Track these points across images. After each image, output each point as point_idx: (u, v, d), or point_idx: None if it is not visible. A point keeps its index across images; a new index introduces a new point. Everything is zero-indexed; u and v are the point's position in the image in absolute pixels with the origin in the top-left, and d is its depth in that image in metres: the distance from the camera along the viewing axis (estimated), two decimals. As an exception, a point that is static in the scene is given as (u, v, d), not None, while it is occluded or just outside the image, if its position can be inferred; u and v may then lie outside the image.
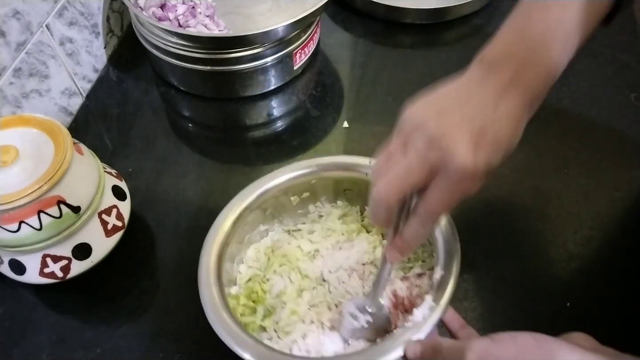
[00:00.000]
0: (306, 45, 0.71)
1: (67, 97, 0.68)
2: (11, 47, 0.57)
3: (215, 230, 0.49)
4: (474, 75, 0.36)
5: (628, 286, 0.54)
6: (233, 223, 0.49)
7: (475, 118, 0.34)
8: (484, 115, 0.34)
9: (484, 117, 0.34)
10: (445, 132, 0.33)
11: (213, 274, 0.46)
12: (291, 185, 0.53)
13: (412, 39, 0.81)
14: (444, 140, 0.33)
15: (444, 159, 0.33)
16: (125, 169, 0.63)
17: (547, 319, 0.51)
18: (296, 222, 0.55)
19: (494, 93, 0.35)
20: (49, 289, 0.54)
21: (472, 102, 0.35)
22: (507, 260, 0.56)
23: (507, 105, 0.34)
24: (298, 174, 0.52)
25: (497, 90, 0.35)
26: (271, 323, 0.48)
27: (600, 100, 0.70)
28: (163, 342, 0.51)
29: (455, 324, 0.44)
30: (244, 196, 0.51)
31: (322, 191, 0.54)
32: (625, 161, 0.64)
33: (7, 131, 0.49)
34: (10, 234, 0.47)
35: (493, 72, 0.35)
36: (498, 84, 0.35)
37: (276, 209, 0.54)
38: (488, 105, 0.34)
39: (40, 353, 0.51)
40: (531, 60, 0.35)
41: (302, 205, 0.55)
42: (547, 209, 0.60)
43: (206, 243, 0.48)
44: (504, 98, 0.34)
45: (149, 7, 0.69)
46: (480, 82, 0.35)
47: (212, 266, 0.46)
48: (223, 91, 0.72)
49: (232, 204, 0.50)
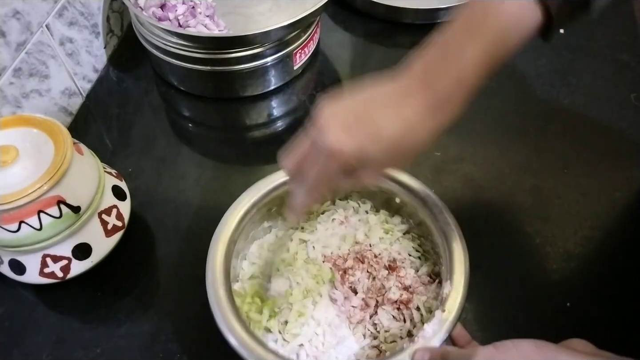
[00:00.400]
0: (306, 45, 0.71)
1: (67, 97, 0.68)
2: (11, 47, 0.57)
3: (222, 227, 0.49)
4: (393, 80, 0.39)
5: (628, 286, 0.54)
6: (240, 220, 0.49)
7: (359, 111, 0.38)
8: (371, 109, 0.38)
9: (368, 110, 0.38)
10: (326, 120, 0.38)
11: (220, 273, 0.46)
12: None
13: (412, 39, 0.80)
14: (321, 125, 0.38)
15: (317, 140, 0.38)
16: (125, 169, 0.63)
17: (547, 319, 0.51)
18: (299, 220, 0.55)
19: (399, 95, 0.38)
20: (49, 289, 0.54)
21: (373, 100, 0.38)
22: (507, 260, 0.56)
23: (405, 106, 0.37)
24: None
25: (402, 93, 0.38)
26: (276, 324, 0.48)
27: (600, 100, 0.70)
28: (163, 342, 0.51)
29: (462, 340, 0.44)
30: (252, 194, 0.51)
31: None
32: (625, 161, 0.64)
33: (7, 131, 0.49)
34: (10, 234, 0.47)
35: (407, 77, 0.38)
36: (406, 87, 0.38)
37: (281, 207, 0.54)
38: (384, 103, 0.38)
39: (40, 353, 0.51)
40: (442, 67, 0.37)
41: None
42: (547, 209, 0.60)
43: (214, 241, 0.48)
44: (405, 100, 0.37)
45: (149, 7, 0.69)
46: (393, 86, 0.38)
47: (219, 265, 0.46)
48: (223, 91, 0.72)
49: (240, 201, 0.50)
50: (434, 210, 0.49)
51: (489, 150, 0.65)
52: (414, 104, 0.37)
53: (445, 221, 0.48)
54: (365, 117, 0.37)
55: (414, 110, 0.37)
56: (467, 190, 0.61)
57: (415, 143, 0.38)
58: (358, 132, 0.37)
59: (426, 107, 0.37)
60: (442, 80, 0.37)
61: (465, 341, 0.44)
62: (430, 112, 0.37)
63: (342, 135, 0.37)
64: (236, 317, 0.43)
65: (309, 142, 0.40)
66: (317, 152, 0.38)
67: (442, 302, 0.44)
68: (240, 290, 0.50)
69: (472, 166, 0.63)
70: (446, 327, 0.42)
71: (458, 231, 0.47)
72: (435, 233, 0.48)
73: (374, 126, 0.37)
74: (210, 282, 0.45)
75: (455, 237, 0.47)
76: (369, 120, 0.37)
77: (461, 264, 0.45)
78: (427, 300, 0.49)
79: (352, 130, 0.37)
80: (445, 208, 0.49)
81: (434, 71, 0.37)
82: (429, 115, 0.37)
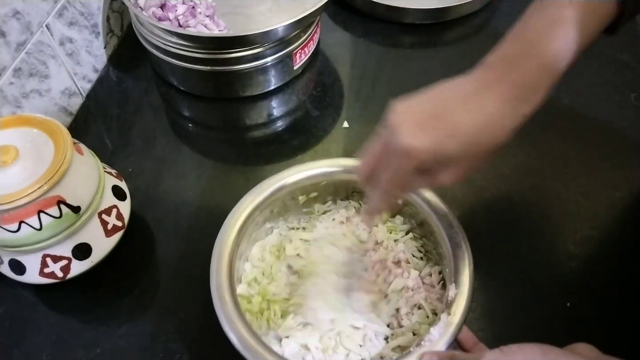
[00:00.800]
0: (306, 45, 0.71)
1: (67, 97, 0.68)
2: (11, 47, 0.57)
3: (225, 230, 0.48)
4: (467, 75, 0.37)
5: (628, 286, 0.54)
6: (243, 223, 0.49)
7: (433, 106, 0.36)
8: (446, 104, 0.36)
9: (443, 106, 0.36)
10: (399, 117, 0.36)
11: (225, 277, 0.45)
12: (302, 186, 0.52)
13: (412, 39, 0.81)
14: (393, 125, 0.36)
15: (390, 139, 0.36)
16: (125, 169, 0.63)
17: (547, 319, 0.51)
18: (300, 220, 0.56)
19: (474, 88, 0.36)
20: (49, 289, 0.54)
21: (447, 96, 0.36)
22: (507, 260, 0.56)
23: (482, 98, 0.35)
24: (310, 174, 0.52)
25: (478, 86, 0.36)
26: (281, 325, 0.48)
27: (600, 100, 0.70)
28: (163, 342, 0.51)
29: (468, 342, 0.44)
30: (254, 196, 0.50)
31: (330, 192, 0.55)
32: (625, 161, 0.64)
33: (7, 131, 0.49)
34: (10, 234, 0.47)
35: (483, 71, 0.37)
36: (482, 80, 0.36)
37: (283, 208, 0.54)
38: (460, 97, 0.36)
39: (40, 353, 0.51)
40: (522, 55, 0.35)
41: (308, 204, 0.55)
42: (547, 209, 0.60)
43: (218, 244, 0.47)
44: (483, 92, 0.35)
45: (149, 7, 0.69)
46: (468, 80, 0.37)
47: (224, 270, 0.46)
48: (223, 91, 0.72)
49: (242, 202, 0.50)
50: (438, 211, 0.49)
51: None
52: (493, 96, 0.35)
53: (449, 223, 0.48)
54: (441, 112, 0.36)
55: (494, 103, 0.35)
56: (467, 191, 0.61)
57: (496, 138, 0.36)
58: (434, 128, 0.35)
59: (507, 98, 0.35)
60: (523, 69, 0.35)
61: (471, 343, 0.44)
62: (511, 104, 0.35)
63: (417, 132, 0.35)
64: (242, 322, 0.43)
65: (381, 143, 0.38)
66: (391, 153, 0.37)
67: (448, 305, 0.44)
68: (244, 292, 0.50)
69: (472, 166, 0.63)
70: (452, 331, 0.42)
71: (462, 233, 0.47)
72: (439, 233, 0.48)
73: (450, 121, 0.35)
74: (215, 287, 0.45)
75: (460, 240, 0.47)
76: (444, 115, 0.35)
77: (466, 267, 0.45)
78: (430, 302, 0.49)
79: (427, 126, 0.35)
80: (448, 210, 0.49)
81: (513, 61, 0.36)
82: (509, 107, 0.35)
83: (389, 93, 0.72)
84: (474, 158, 0.37)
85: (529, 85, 0.35)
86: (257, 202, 0.50)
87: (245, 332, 0.42)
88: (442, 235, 0.48)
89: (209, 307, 0.44)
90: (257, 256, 0.53)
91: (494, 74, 0.36)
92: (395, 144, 0.36)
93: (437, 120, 0.35)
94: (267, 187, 0.51)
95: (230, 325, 0.42)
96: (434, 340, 0.42)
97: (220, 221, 0.49)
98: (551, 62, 0.35)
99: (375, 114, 0.70)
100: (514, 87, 0.35)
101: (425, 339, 0.42)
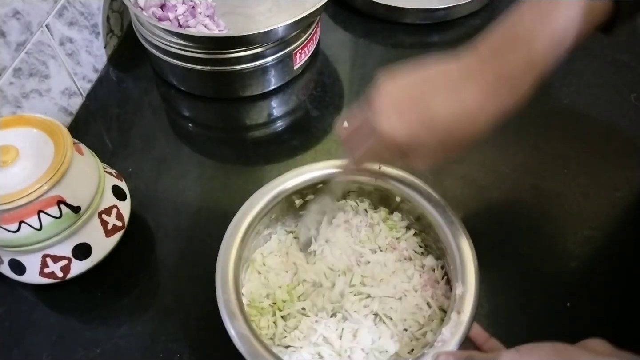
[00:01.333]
0: (306, 45, 0.71)
1: (67, 97, 0.68)
2: (11, 47, 0.57)
3: (228, 243, 0.47)
4: (455, 58, 0.37)
5: (628, 286, 0.54)
6: (244, 234, 0.48)
7: (414, 93, 0.36)
8: (427, 91, 0.36)
9: (424, 92, 0.36)
10: (381, 101, 0.37)
11: (233, 293, 0.44)
12: (299, 189, 0.52)
13: (412, 39, 0.81)
14: (374, 106, 0.38)
15: (370, 120, 0.38)
16: (125, 169, 0.63)
17: (547, 319, 0.51)
18: (297, 223, 0.55)
19: (458, 75, 0.36)
20: (49, 289, 0.54)
21: (430, 82, 0.37)
22: (507, 260, 0.56)
23: (464, 88, 0.35)
24: (308, 178, 0.52)
25: (462, 74, 0.36)
26: (291, 331, 0.48)
27: (600, 100, 0.70)
28: (163, 342, 0.51)
29: (480, 338, 0.44)
30: (253, 205, 0.50)
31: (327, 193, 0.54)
32: (625, 161, 0.64)
33: (7, 131, 0.49)
34: (10, 234, 0.47)
35: (470, 57, 0.36)
36: (467, 68, 0.36)
37: (280, 213, 0.53)
38: (441, 85, 0.36)
39: (40, 353, 0.51)
40: (509, 48, 0.35)
41: (305, 206, 0.55)
42: (547, 209, 0.60)
43: (221, 256, 0.46)
44: (465, 81, 0.35)
45: (149, 7, 0.69)
46: (454, 65, 0.37)
47: (231, 287, 0.45)
48: (223, 91, 0.72)
49: (241, 213, 0.49)
50: (437, 208, 0.49)
51: (489, 150, 0.65)
52: (474, 86, 0.35)
53: (450, 220, 0.48)
54: (420, 101, 0.36)
55: (474, 94, 0.35)
56: (467, 191, 0.61)
57: (473, 130, 0.36)
58: (411, 117, 0.36)
59: (487, 89, 0.35)
60: (509, 60, 0.35)
61: (483, 339, 0.44)
62: (491, 95, 0.35)
63: (395, 120, 0.36)
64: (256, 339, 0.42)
65: (363, 118, 0.40)
66: (369, 130, 0.38)
67: (456, 303, 0.44)
68: (248, 298, 0.49)
69: (472, 166, 0.63)
70: (463, 329, 0.42)
71: (463, 230, 0.47)
72: (438, 227, 0.48)
73: (428, 112, 0.36)
74: (224, 304, 0.44)
75: (462, 237, 0.47)
76: (423, 104, 0.36)
77: (471, 263, 0.45)
78: (436, 298, 0.49)
79: (405, 115, 0.36)
80: (447, 206, 0.49)
81: (500, 51, 0.35)
82: (490, 99, 0.35)
83: (389, 93, 0.72)
84: (449, 148, 0.38)
85: (512, 78, 0.35)
86: (255, 211, 0.49)
87: (262, 350, 0.41)
88: (443, 230, 0.48)
89: (208, 307, 0.44)
90: (259, 262, 0.52)
91: (479, 63, 0.36)
92: (373, 124, 0.37)
93: (415, 108, 0.36)
94: (265, 195, 0.50)
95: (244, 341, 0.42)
96: (446, 340, 0.42)
97: (220, 221, 0.49)
98: (538, 59, 0.35)
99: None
100: (497, 79, 0.35)
101: (437, 339, 0.42)
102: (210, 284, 0.45)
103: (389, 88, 0.37)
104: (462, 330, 0.42)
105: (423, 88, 0.36)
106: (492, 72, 0.35)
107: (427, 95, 0.36)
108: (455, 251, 0.46)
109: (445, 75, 0.36)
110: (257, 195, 0.50)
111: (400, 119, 0.36)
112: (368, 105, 0.38)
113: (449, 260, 0.47)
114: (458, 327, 0.42)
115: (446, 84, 0.36)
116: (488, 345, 0.44)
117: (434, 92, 0.36)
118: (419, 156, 0.38)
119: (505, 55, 0.35)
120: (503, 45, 0.35)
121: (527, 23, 0.35)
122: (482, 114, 0.35)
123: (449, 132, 0.36)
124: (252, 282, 0.51)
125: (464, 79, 0.35)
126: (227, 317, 0.43)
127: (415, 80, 0.37)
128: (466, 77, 0.35)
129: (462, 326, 0.42)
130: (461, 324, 0.42)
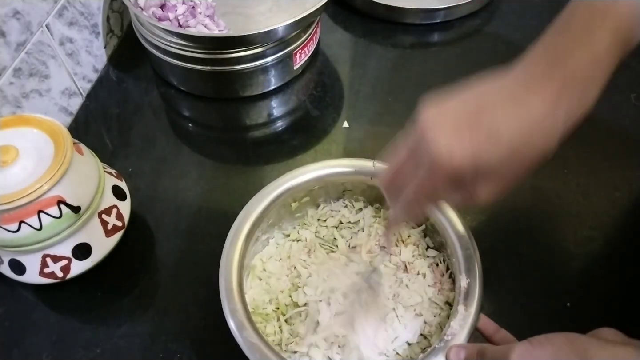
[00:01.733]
0: (306, 45, 0.71)
1: (67, 97, 0.68)
2: (11, 47, 0.57)
3: (230, 252, 0.47)
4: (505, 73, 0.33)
5: (628, 286, 0.54)
6: (244, 242, 0.48)
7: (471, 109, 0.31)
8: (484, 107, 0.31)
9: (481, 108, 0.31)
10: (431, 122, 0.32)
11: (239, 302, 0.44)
12: (293, 192, 0.52)
13: (412, 39, 0.81)
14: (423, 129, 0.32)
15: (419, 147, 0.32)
16: (125, 169, 0.63)
17: (547, 319, 0.51)
18: (294, 226, 0.55)
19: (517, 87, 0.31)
20: (49, 289, 0.54)
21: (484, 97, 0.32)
22: (506, 260, 0.56)
23: (527, 99, 0.31)
24: (303, 180, 0.51)
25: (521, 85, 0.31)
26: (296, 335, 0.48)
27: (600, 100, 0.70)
28: (163, 342, 0.51)
29: (489, 329, 0.44)
30: (250, 211, 0.49)
31: (322, 194, 0.55)
32: (625, 161, 0.64)
33: (7, 131, 0.49)
34: (10, 234, 0.47)
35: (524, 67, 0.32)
36: (525, 78, 0.31)
37: (277, 217, 0.53)
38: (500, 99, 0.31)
39: (40, 353, 0.51)
40: (571, 47, 0.31)
41: (300, 209, 0.54)
42: (547, 209, 0.60)
43: (224, 265, 0.46)
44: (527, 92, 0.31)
45: (149, 7, 0.69)
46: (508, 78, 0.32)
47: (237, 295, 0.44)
48: (223, 91, 0.72)
49: (239, 221, 0.49)
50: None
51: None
52: (540, 93, 0.30)
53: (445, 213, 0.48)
54: (479, 117, 0.31)
55: (541, 104, 0.30)
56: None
57: (544, 144, 0.31)
58: (472, 134, 0.30)
59: (556, 97, 0.30)
60: (573, 63, 0.30)
61: (493, 330, 0.44)
62: (561, 100, 0.30)
63: (451, 139, 0.30)
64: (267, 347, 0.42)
65: (409, 149, 0.34)
66: (418, 162, 0.32)
67: (462, 296, 0.44)
68: (252, 306, 0.49)
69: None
70: (471, 321, 0.43)
71: (462, 220, 0.47)
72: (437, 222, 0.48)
73: (491, 126, 0.30)
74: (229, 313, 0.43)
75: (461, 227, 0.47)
76: (483, 119, 0.31)
77: (472, 254, 0.46)
78: (442, 292, 0.49)
79: (464, 132, 0.30)
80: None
81: (561, 54, 0.31)
82: (560, 105, 0.30)
83: (389, 93, 0.72)
84: (517, 169, 0.32)
85: (582, 80, 0.31)
86: (253, 218, 0.49)
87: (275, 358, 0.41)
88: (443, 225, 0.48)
89: (208, 307, 0.44)
90: (259, 268, 0.52)
91: (539, 70, 0.31)
92: (424, 151, 0.31)
93: (475, 125, 0.30)
94: (261, 200, 0.50)
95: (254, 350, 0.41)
96: (455, 333, 0.42)
97: (220, 221, 0.49)
98: (605, 54, 0.31)
99: (375, 114, 0.70)
100: (564, 84, 0.30)
101: (447, 332, 0.42)
102: (210, 284, 0.45)
103: (439, 109, 0.32)
104: (469, 322, 0.42)
105: (479, 103, 0.31)
106: (556, 77, 0.30)
107: (486, 111, 0.31)
108: (456, 243, 0.46)
109: (502, 88, 0.32)
110: (254, 201, 0.50)
111: (460, 139, 0.30)
112: (414, 133, 0.32)
113: (450, 252, 0.47)
114: (466, 319, 0.43)
115: (505, 96, 0.31)
116: (499, 336, 0.43)
117: (493, 108, 0.31)
118: (484, 183, 0.32)
119: (568, 56, 0.31)
120: (563, 46, 0.31)
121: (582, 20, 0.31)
122: (553, 124, 0.31)
123: (518, 149, 0.31)
124: (255, 289, 0.50)
125: (527, 87, 0.31)
126: (236, 327, 0.42)
127: (468, 98, 0.32)
128: (529, 84, 0.31)
129: (470, 318, 0.43)
130: (469, 316, 0.43)
